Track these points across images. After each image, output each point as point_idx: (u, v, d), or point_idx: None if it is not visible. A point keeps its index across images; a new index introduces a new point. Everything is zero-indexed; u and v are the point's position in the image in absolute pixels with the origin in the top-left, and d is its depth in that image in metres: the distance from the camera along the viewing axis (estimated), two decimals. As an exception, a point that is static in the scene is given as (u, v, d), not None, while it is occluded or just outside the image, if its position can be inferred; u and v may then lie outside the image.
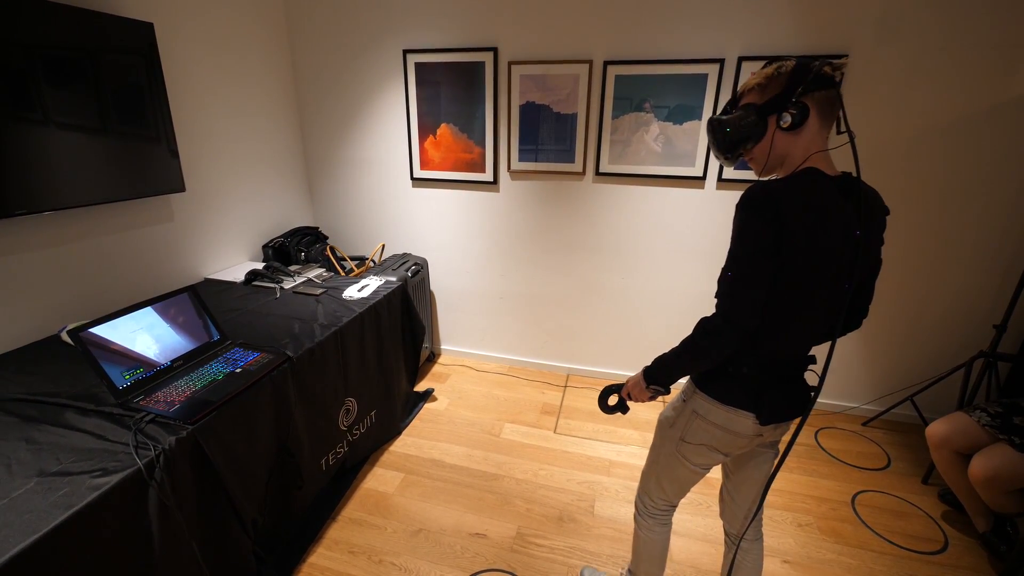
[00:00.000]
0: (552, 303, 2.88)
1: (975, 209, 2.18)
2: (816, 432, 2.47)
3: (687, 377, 1.18)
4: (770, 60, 0.99)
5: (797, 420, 1.09)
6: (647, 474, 1.33)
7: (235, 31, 2.38)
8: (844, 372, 2.58)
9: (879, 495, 2.06)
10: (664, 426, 1.25)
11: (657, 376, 1.15)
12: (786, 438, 1.13)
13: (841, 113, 0.95)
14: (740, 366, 1.05)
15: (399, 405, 2.42)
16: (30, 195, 1.55)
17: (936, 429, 1.82)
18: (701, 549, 1.77)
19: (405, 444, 2.33)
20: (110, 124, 1.76)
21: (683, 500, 1.98)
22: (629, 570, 1.47)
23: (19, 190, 1.52)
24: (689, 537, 1.83)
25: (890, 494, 2.06)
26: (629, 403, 1.28)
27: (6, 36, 1.44)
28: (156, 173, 1.95)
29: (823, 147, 0.97)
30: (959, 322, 2.35)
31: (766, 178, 1.01)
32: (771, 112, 0.96)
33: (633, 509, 1.41)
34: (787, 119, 0.94)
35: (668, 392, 1.18)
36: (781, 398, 1.07)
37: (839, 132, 0.96)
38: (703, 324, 1.02)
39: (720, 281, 0.99)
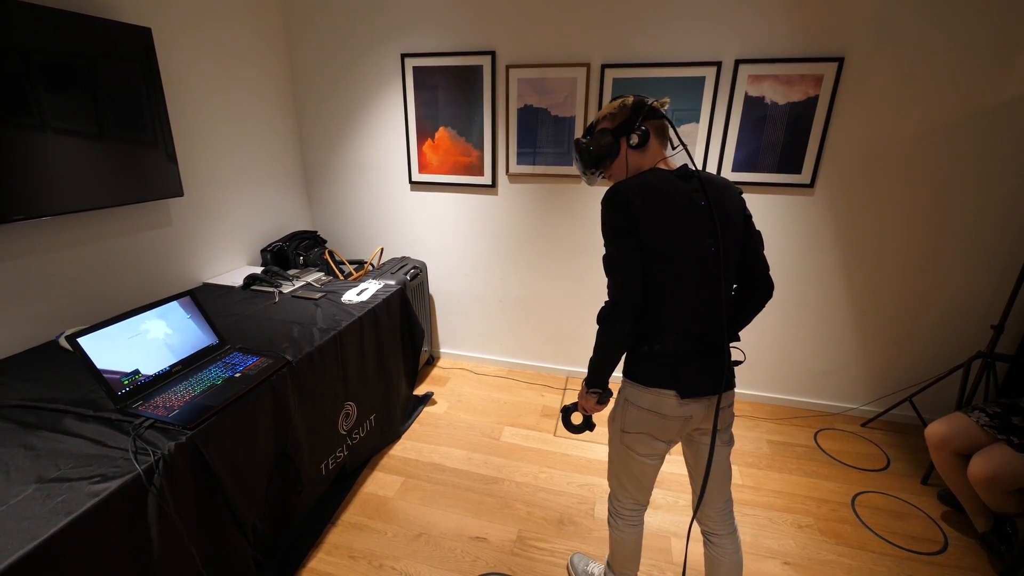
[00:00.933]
0: (551, 306, 2.88)
1: (972, 210, 2.19)
2: (815, 433, 2.47)
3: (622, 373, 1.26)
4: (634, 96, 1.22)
5: (733, 405, 1.21)
6: (609, 474, 1.40)
7: (233, 36, 2.39)
8: (843, 373, 2.59)
9: (879, 496, 2.06)
10: (610, 422, 1.33)
11: (590, 378, 1.24)
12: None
13: (672, 132, 1.22)
14: (654, 344, 1.15)
15: (399, 409, 2.42)
16: (28, 201, 1.54)
17: (935, 430, 1.82)
18: (699, 550, 1.77)
19: (405, 448, 2.32)
20: (108, 129, 1.76)
21: (682, 502, 1.98)
22: (607, 563, 1.52)
23: (17, 196, 1.52)
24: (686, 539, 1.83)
25: (890, 495, 2.07)
26: (593, 418, 1.34)
27: (3, 41, 1.44)
28: (154, 178, 1.95)
29: (663, 158, 1.20)
30: (957, 323, 2.36)
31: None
32: (622, 134, 1.19)
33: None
34: (635, 139, 1.17)
35: (611, 393, 1.26)
36: (698, 372, 1.15)
37: (673, 147, 1.23)
38: (599, 312, 1.15)
39: (605, 271, 1.16)
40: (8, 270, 1.59)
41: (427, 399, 2.71)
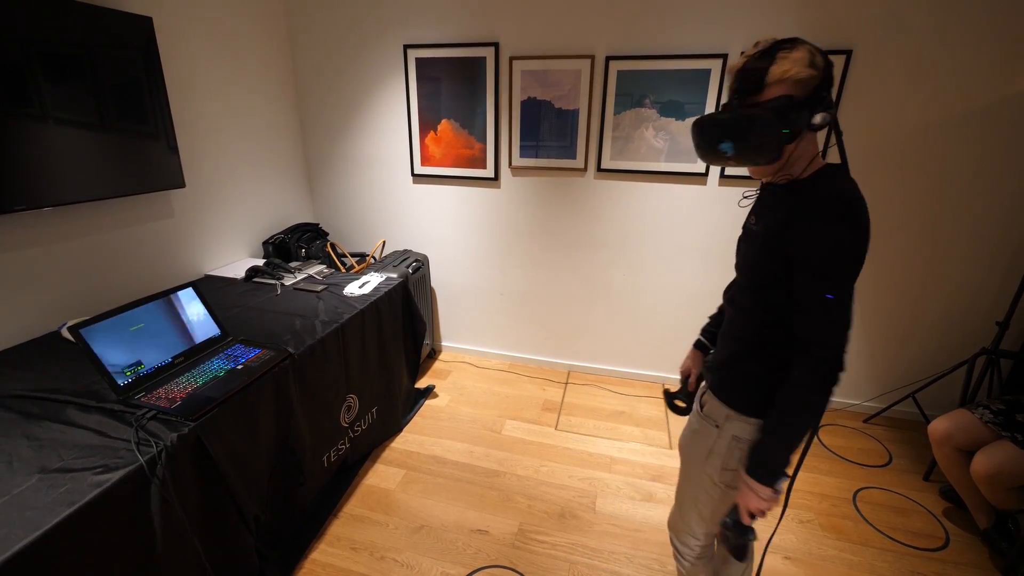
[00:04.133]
0: (553, 299, 2.88)
1: (977, 205, 2.17)
2: (817, 429, 2.47)
3: (710, 402, 1.09)
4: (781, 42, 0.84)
5: None
6: (687, 513, 1.20)
7: (235, 26, 2.37)
8: (846, 369, 2.58)
9: (880, 492, 2.06)
10: (696, 461, 1.13)
11: (779, 468, 0.96)
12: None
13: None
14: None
15: (400, 402, 2.42)
16: (30, 191, 1.54)
17: (938, 426, 1.81)
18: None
19: (406, 441, 2.32)
20: (109, 120, 1.75)
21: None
22: None
23: (18, 186, 1.51)
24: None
25: (891, 491, 2.06)
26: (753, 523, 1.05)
27: (4, 31, 1.43)
28: (156, 169, 1.94)
29: (817, 150, 0.90)
30: (961, 319, 2.35)
31: (766, 181, 0.97)
32: (811, 110, 0.83)
33: (634, 507, 1.39)
34: (819, 118, 0.83)
35: (787, 477, 0.98)
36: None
37: (823, 128, 0.86)
38: (821, 376, 0.88)
39: (815, 307, 0.86)
40: (10, 260, 1.59)
41: (428, 392, 2.71)
